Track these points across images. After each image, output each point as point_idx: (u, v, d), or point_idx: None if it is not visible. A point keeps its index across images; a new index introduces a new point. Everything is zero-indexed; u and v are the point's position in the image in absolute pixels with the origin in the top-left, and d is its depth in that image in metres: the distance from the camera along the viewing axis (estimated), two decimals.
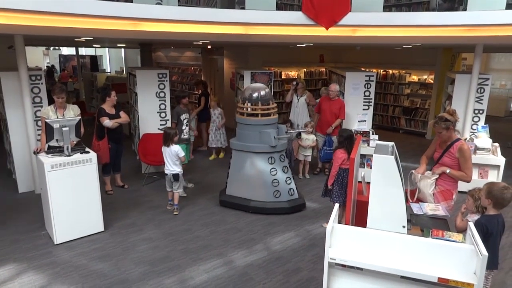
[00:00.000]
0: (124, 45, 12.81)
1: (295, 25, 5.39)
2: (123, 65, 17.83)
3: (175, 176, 5.03)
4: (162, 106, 6.59)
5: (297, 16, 5.26)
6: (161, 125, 6.61)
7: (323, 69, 11.58)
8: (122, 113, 5.58)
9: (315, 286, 3.55)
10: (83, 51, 17.61)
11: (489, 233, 2.80)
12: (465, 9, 5.17)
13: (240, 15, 5.19)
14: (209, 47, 11.16)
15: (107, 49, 18.72)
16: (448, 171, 3.56)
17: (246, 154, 5.11)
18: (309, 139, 6.44)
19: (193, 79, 13.17)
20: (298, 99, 7.30)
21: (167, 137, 5.01)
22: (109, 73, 14.90)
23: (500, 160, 5.62)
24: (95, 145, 5.32)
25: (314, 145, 6.51)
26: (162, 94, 6.55)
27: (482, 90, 6.30)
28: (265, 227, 4.74)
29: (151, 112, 6.53)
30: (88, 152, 4.40)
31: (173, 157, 4.99)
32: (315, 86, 11.23)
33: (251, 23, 5.32)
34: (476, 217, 2.97)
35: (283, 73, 10.92)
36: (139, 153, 6.34)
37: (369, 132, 6.36)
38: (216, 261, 3.97)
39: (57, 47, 18.47)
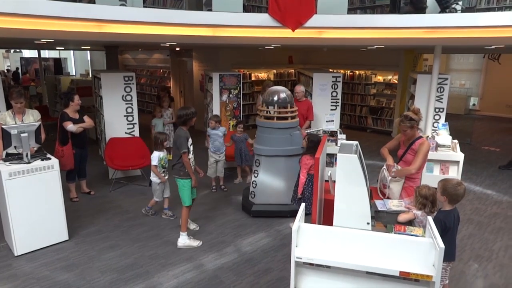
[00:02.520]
0: (89, 47, 12.45)
1: (262, 27, 5.42)
2: (89, 68, 17.31)
3: (149, 182, 4.93)
4: (129, 110, 6.45)
5: (263, 18, 5.29)
6: (128, 129, 6.48)
7: (292, 71, 11.72)
8: (86, 118, 5.42)
9: (285, 286, 3.58)
10: (46, 53, 16.95)
11: (447, 228, 2.92)
12: (424, 12, 5.40)
13: (207, 17, 5.17)
14: (177, 49, 11.04)
15: (72, 51, 18.11)
16: (394, 169, 3.67)
17: (278, 158, 4.96)
18: None
19: (162, 81, 12.99)
20: None
21: (156, 142, 4.91)
22: (74, 76, 14.43)
23: (460, 156, 5.89)
24: (58, 151, 5.13)
25: None
26: (128, 98, 6.41)
27: (442, 90, 6.58)
28: (235, 229, 4.74)
29: (117, 116, 6.38)
30: (49, 158, 4.24)
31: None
32: (285, 87, 11.32)
33: (218, 25, 5.31)
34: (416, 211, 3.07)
35: (252, 74, 10.97)
36: (105, 158, 6.18)
37: (337, 132, 6.49)
38: (186, 265, 3.92)
39: (18, 50, 17.69)
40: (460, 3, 5.26)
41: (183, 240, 4.28)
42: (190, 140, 4.17)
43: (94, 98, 7.61)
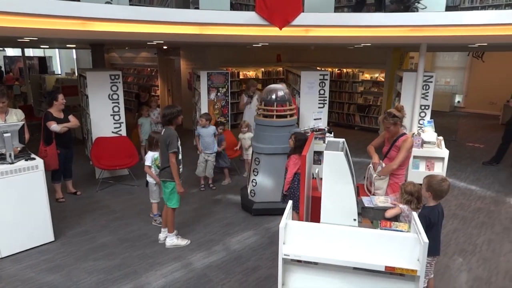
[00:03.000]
0: (74, 45, 12.25)
1: (249, 25, 5.41)
2: (74, 67, 17.05)
3: (146, 183, 4.84)
4: (116, 109, 6.38)
5: (250, 16, 5.28)
6: (115, 128, 6.41)
7: (280, 69, 11.74)
8: (71, 117, 5.34)
9: (273, 283, 3.59)
10: (30, 52, 16.63)
11: (432, 223, 2.97)
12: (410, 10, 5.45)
13: (194, 15, 5.13)
14: (165, 47, 10.95)
15: (57, 50, 17.81)
16: (378, 169, 3.72)
17: (278, 156, 4.94)
18: (245, 138, 6.39)
19: (150, 80, 12.88)
20: (251, 100, 7.27)
21: (151, 142, 4.82)
22: (59, 75, 14.20)
23: (444, 153, 5.99)
24: (42, 151, 5.05)
25: None
26: (115, 96, 6.34)
27: (427, 87, 6.67)
28: (224, 228, 4.74)
29: (104, 115, 6.31)
30: (33, 158, 4.17)
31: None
32: None
33: (205, 23, 5.28)
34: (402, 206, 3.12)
35: (241, 73, 10.95)
36: (92, 157, 6.10)
37: (325, 130, 6.52)
38: (174, 264, 3.91)
39: (1, 48, 17.31)
40: (422, 2, 5.32)
41: (171, 241, 4.26)
42: (179, 141, 4.13)
43: (80, 97, 7.51)
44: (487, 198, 5.75)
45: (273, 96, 5.05)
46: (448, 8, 5.90)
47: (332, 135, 6.39)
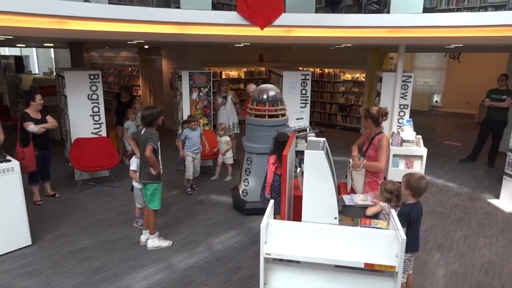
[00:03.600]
0: (52, 44, 11.96)
1: (231, 25, 5.41)
2: (52, 66, 16.64)
3: (131, 187, 4.69)
4: (96, 109, 6.27)
5: (232, 16, 5.28)
6: (94, 129, 6.29)
7: (263, 69, 11.78)
8: (49, 118, 5.22)
9: (256, 283, 3.59)
10: (6, 51, 16.15)
11: (412, 220, 3.03)
12: (388, 12, 5.56)
13: (175, 15, 5.09)
14: (146, 47, 10.82)
15: (34, 49, 17.34)
16: (361, 165, 3.77)
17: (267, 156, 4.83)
18: (221, 142, 6.35)
19: (131, 80, 12.70)
20: (226, 101, 7.22)
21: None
22: (36, 75, 13.84)
23: (423, 151, 6.13)
24: (19, 152, 4.91)
25: (230, 147, 6.43)
26: (95, 96, 6.23)
27: (406, 87, 6.82)
28: (206, 228, 4.72)
29: (83, 116, 6.19)
30: (9, 160, 4.05)
31: None
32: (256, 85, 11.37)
33: (186, 23, 5.25)
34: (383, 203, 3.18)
35: (223, 73, 10.94)
36: (71, 159, 5.98)
37: (307, 129, 6.58)
38: (156, 266, 3.87)
39: None
40: (375, 4, 5.46)
41: (153, 242, 4.21)
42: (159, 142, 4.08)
43: (58, 98, 7.34)
44: (464, 195, 5.92)
45: (265, 96, 5.08)
46: (426, 10, 6.04)
47: (313, 134, 6.47)
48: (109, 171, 6.30)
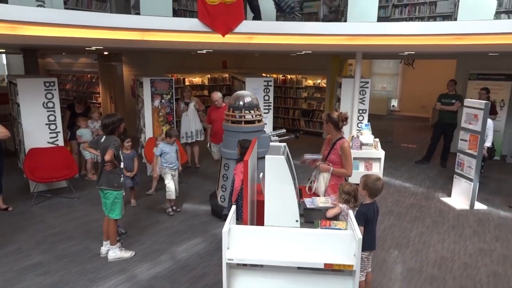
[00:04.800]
0: (3, 50, 11.35)
1: (192, 32, 5.41)
2: (4, 73, 15.76)
3: None
4: (52, 118, 6.03)
5: (193, 23, 5.28)
6: (51, 138, 6.04)
7: (227, 75, 11.82)
8: (0, 127, 4.95)
9: None
10: None
11: (369, 219, 3.16)
12: (345, 21, 5.79)
13: (134, 21, 5.01)
14: (105, 53, 10.54)
15: None
16: (331, 170, 3.89)
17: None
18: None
19: (90, 87, 12.30)
20: (187, 108, 7.19)
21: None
22: None
23: (381, 153, 6.40)
24: None
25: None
26: (50, 105, 5.99)
27: (364, 92, 7.10)
28: (170, 236, 4.65)
29: (38, 125, 5.93)
30: None
31: None
32: (219, 91, 11.37)
33: (147, 29, 5.19)
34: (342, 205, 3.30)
35: (186, 79, 10.86)
36: (25, 170, 5.69)
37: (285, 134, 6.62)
38: (118, 278, 3.76)
39: None
40: (297, 13, 5.73)
41: (114, 253, 4.10)
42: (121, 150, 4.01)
43: (10, 106, 6.98)
44: (419, 194, 6.23)
45: (241, 103, 5.09)
46: (380, 19, 6.35)
47: (277, 139, 6.55)
48: (68, 182, 6.06)
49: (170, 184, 5.26)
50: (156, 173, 5.54)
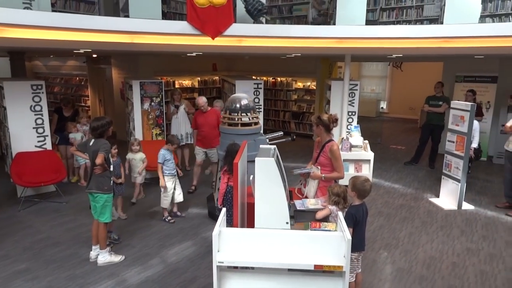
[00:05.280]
0: None
1: (182, 35, 5.41)
2: None
3: None
4: (39, 121, 5.96)
5: (182, 25, 5.28)
6: (38, 142, 5.97)
7: (217, 78, 11.82)
8: None
9: None
10: None
11: (357, 221, 3.19)
12: (334, 24, 5.85)
13: (123, 23, 4.99)
14: (94, 55, 10.46)
15: None
16: (323, 176, 3.91)
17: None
18: (136, 159, 5.60)
19: (79, 90, 12.18)
20: (177, 110, 7.17)
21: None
22: None
23: (370, 155, 6.46)
24: None
25: (145, 165, 5.68)
26: (38, 108, 5.92)
27: (353, 95, 7.17)
28: (160, 240, 4.62)
29: (25, 128, 5.85)
30: None
31: None
32: (209, 94, 11.40)
33: (135, 32, 5.16)
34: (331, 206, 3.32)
35: (176, 82, 10.83)
36: (12, 174, 5.61)
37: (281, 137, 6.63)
38: (107, 282, 3.73)
39: None
40: (266, 16, 5.79)
41: (104, 258, 4.06)
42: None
43: None
44: (408, 195, 6.30)
45: (238, 105, 5.09)
46: (368, 22, 6.43)
47: (267, 141, 6.57)
48: (56, 186, 5.99)
49: (168, 194, 5.07)
50: (164, 181, 5.03)
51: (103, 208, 3.97)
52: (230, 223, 3.89)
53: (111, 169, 4.04)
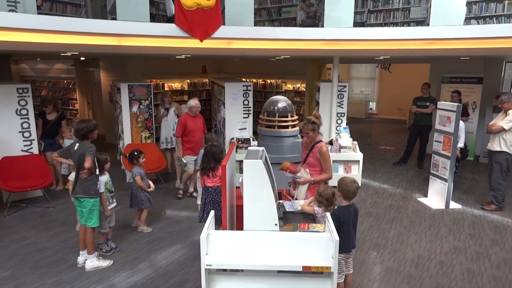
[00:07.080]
0: None
1: (170, 37, 5.39)
2: None
3: None
4: (25, 125, 5.87)
5: (170, 28, 5.25)
6: (25, 146, 5.88)
7: (206, 80, 11.78)
8: None
9: None
10: None
11: (342, 221, 3.20)
12: (322, 26, 5.89)
13: (111, 26, 4.95)
14: (82, 58, 10.35)
15: None
16: (312, 180, 3.92)
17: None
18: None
19: (67, 93, 12.04)
20: (167, 113, 7.12)
21: (102, 164, 4.22)
22: None
23: (359, 156, 6.51)
24: None
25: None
26: (24, 112, 5.83)
27: (342, 96, 7.21)
28: (150, 244, 4.59)
29: (11, 132, 5.76)
30: None
31: None
32: (199, 96, 11.36)
33: (123, 34, 5.13)
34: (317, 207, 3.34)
35: (166, 84, 10.78)
36: None
37: (249, 139, 6.69)
38: (96, 287, 3.69)
39: None
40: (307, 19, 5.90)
41: (92, 263, 4.01)
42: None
43: None
44: (397, 195, 6.36)
45: (275, 107, 5.10)
46: (356, 24, 6.48)
47: (256, 143, 6.59)
48: (43, 191, 5.90)
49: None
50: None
51: (90, 212, 3.92)
52: (219, 223, 3.89)
53: (97, 172, 3.99)
